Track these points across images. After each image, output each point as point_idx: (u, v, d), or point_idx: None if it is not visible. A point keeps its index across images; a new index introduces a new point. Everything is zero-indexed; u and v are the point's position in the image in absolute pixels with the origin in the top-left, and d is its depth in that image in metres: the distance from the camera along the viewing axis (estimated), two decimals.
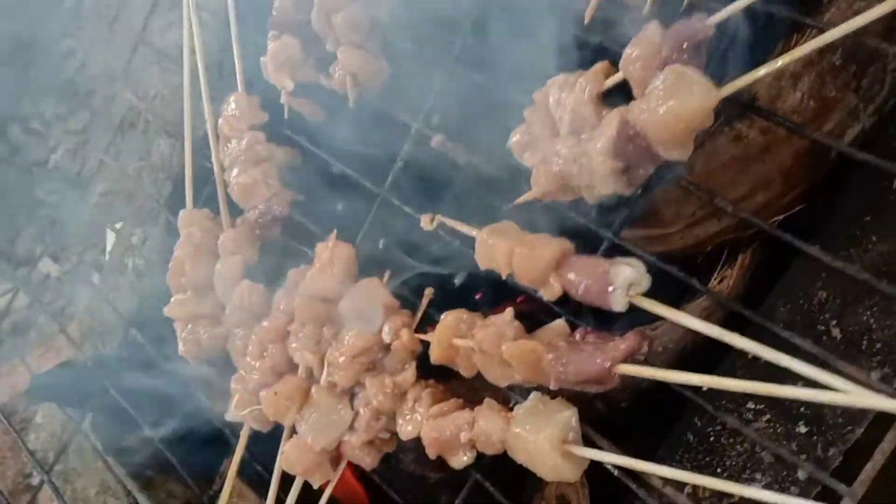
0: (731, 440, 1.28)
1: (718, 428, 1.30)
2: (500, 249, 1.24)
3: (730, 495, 1.21)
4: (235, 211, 1.67)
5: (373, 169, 1.52)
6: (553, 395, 1.26)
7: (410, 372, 1.37)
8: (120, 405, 1.89)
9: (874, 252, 1.17)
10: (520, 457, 1.22)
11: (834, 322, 1.20)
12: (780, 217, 1.27)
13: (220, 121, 1.65)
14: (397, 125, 1.49)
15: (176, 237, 1.68)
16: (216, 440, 2.02)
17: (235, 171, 1.61)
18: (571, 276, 1.18)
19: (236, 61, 1.68)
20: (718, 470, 1.30)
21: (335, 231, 1.45)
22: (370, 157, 1.54)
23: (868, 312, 1.16)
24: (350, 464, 2.14)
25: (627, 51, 1.17)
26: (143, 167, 2.05)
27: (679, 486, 1.21)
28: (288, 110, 1.64)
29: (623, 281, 1.13)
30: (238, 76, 1.68)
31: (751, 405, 1.27)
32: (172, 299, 1.67)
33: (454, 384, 1.44)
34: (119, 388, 1.89)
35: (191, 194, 1.71)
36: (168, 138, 1.96)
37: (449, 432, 1.28)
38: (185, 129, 1.72)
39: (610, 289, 1.14)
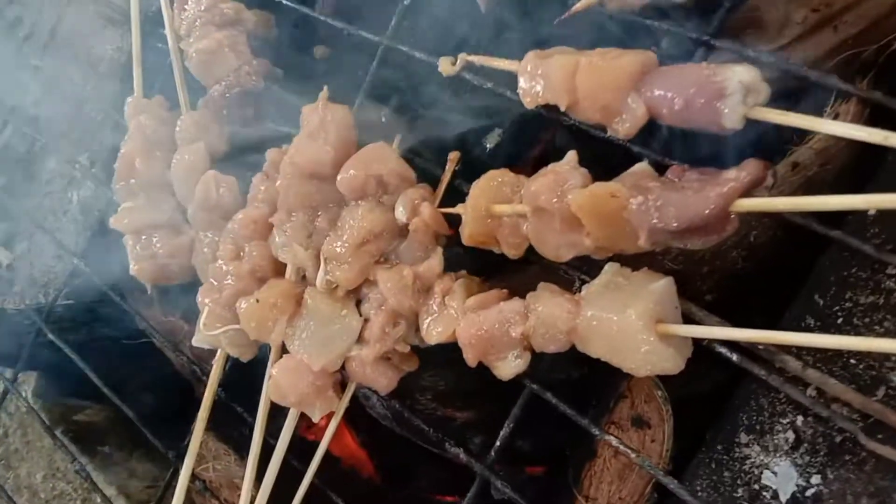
0: (868, 319, 0.97)
1: (849, 305, 0.98)
2: (559, 66, 0.91)
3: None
4: (198, 96, 1.33)
5: (370, 13, 1.19)
6: (635, 268, 0.93)
7: (436, 259, 1.04)
8: (66, 365, 1.52)
9: None
10: (597, 348, 0.89)
11: None
12: None
13: None
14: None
15: None
16: (185, 401, 1.68)
17: (194, 37, 1.27)
18: (660, 91, 0.86)
19: None
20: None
21: (325, 88, 1.11)
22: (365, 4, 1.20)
23: None
24: (348, 429, 1.80)
25: None
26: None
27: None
28: None
29: (740, 83, 0.81)
30: None
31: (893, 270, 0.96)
32: (120, 207, 1.32)
33: (493, 283, 1.11)
34: (65, 341, 1.53)
35: (139, 78, 1.36)
36: (116, 29, 1.61)
37: (495, 327, 0.95)
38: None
39: (720, 101, 0.82)
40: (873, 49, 0.99)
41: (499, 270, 1.08)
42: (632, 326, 0.85)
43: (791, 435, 0.97)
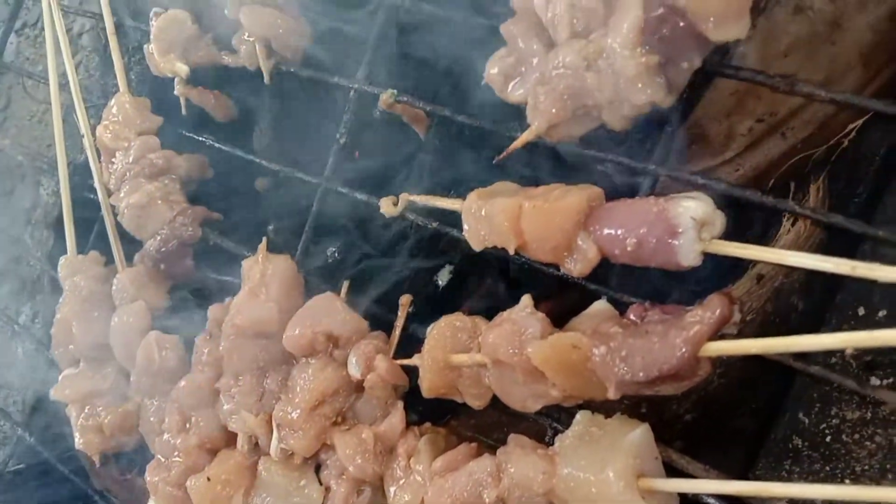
0: (858, 435, 0.91)
1: (836, 422, 0.92)
2: (502, 211, 0.86)
3: None
4: (134, 248, 1.26)
5: (307, 156, 1.15)
6: (607, 411, 0.87)
7: (397, 416, 0.96)
8: None
9: None
10: None
11: None
12: (860, 122, 0.94)
13: (98, 129, 1.25)
14: (332, 90, 1.13)
15: None
16: None
17: (125, 191, 1.21)
18: (612, 229, 0.81)
19: (114, 56, 1.30)
20: (847, 481, 0.92)
21: (265, 240, 1.05)
22: (301, 141, 1.16)
23: None
24: None
25: None
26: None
27: None
28: (186, 104, 1.25)
29: (692, 220, 0.76)
30: (118, 75, 1.30)
31: (877, 380, 0.90)
32: (60, 377, 1.24)
33: (457, 424, 1.04)
34: None
35: (72, 235, 1.30)
36: (50, 178, 1.56)
37: (466, 492, 0.87)
38: (58, 151, 1.31)
39: (675, 234, 0.77)
40: (824, 148, 0.96)
41: None
42: (612, 487, 0.78)
43: None
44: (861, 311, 0.91)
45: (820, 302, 0.98)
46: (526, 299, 0.87)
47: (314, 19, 1.18)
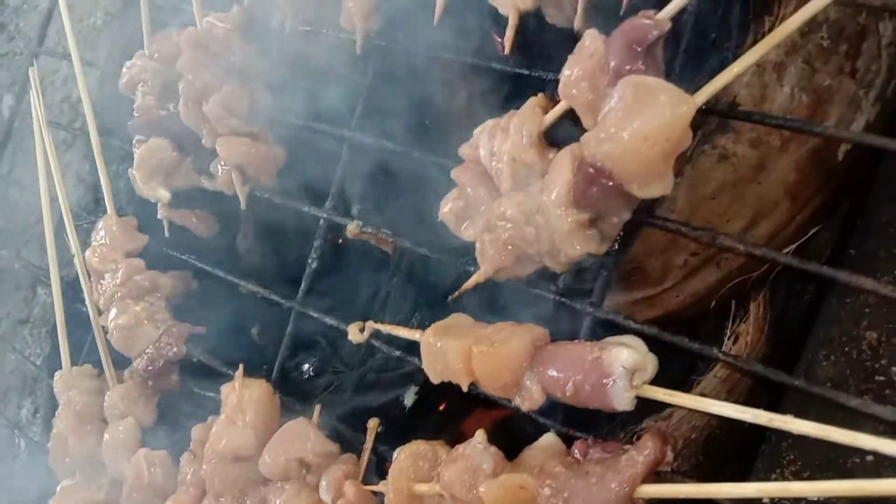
0: None
1: None
2: (454, 353, 0.93)
3: None
4: (125, 361, 1.33)
5: (282, 277, 1.22)
6: None
7: None
8: None
9: None
10: None
11: (895, 369, 0.92)
12: (794, 246, 1.00)
13: (87, 253, 1.33)
14: (303, 218, 1.20)
15: None
16: None
17: (113, 313, 1.28)
18: (553, 372, 0.88)
19: (101, 178, 1.38)
20: None
21: (242, 366, 1.12)
22: (276, 263, 1.23)
23: None
24: None
25: (566, 72, 0.91)
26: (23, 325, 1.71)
27: None
28: (169, 226, 1.33)
29: (623, 369, 0.83)
30: (106, 196, 1.38)
31: None
32: (58, 488, 1.31)
33: None
34: None
35: (66, 350, 1.37)
36: (44, 287, 1.64)
37: None
38: (51, 270, 1.39)
39: (608, 382, 0.84)
40: (761, 270, 1.03)
41: None
42: None
43: None
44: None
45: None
46: (479, 435, 0.94)
47: (287, 145, 1.26)
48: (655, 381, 0.84)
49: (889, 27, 0.97)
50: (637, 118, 0.82)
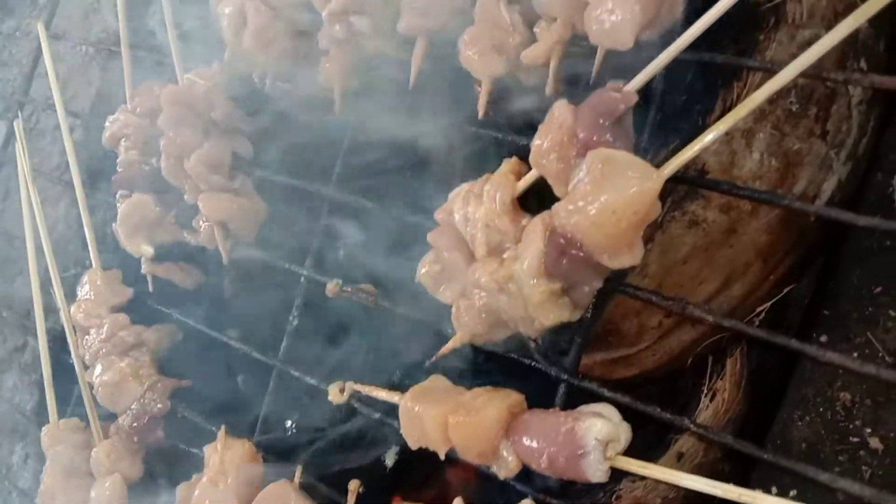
0: None
1: None
2: (430, 421, 0.94)
3: None
4: (112, 413, 1.34)
5: (264, 333, 1.23)
6: None
7: None
8: None
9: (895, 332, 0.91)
10: None
11: (869, 430, 0.92)
12: (768, 304, 1.01)
13: (72, 308, 1.34)
14: (284, 275, 1.21)
15: None
16: None
17: (99, 369, 1.29)
18: (528, 442, 0.88)
19: (87, 233, 1.39)
20: None
21: (224, 428, 1.13)
22: (258, 318, 1.24)
23: None
24: None
25: (536, 141, 0.92)
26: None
27: None
28: (153, 281, 1.34)
29: (596, 441, 0.84)
30: (91, 250, 1.39)
31: None
32: None
33: None
34: None
35: (53, 404, 1.38)
36: (30, 336, 1.65)
37: None
38: (38, 324, 1.40)
39: (582, 454, 0.84)
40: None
41: None
42: None
43: None
44: (774, 490, 0.97)
45: (743, 471, 1.04)
46: (458, 501, 0.94)
47: (269, 198, 1.27)
48: (633, 441, 0.84)
49: (859, 87, 0.98)
50: (604, 193, 0.82)
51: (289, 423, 1.22)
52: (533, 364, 0.95)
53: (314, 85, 1.18)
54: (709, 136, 0.82)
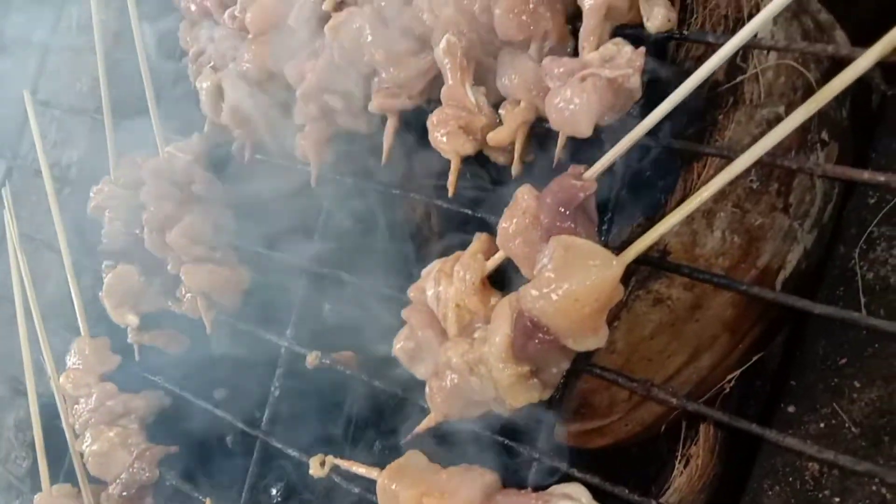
0: None
1: None
2: (407, 502, 0.96)
3: None
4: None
5: (247, 403, 1.25)
6: None
7: None
8: None
9: (862, 402, 0.93)
10: None
11: (838, 500, 0.94)
12: (738, 373, 1.02)
13: (61, 378, 1.36)
14: (266, 345, 1.23)
15: None
16: None
17: (88, 439, 1.31)
18: None
19: (75, 301, 1.41)
20: None
21: (208, 501, 1.15)
22: (241, 388, 1.26)
23: (877, 480, 0.91)
24: None
25: (503, 224, 0.95)
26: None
27: None
28: (139, 350, 1.36)
29: None
30: (79, 318, 1.41)
31: None
32: None
33: None
34: None
35: (45, 471, 1.39)
36: (22, 397, 1.67)
37: None
38: (29, 392, 1.42)
39: None
40: (707, 397, 1.05)
41: None
42: None
43: None
44: None
45: None
46: None
47: (252, 267, 1.29)
48: None
49: (821, 156, 1.00)
50: (566, 281, 0.84)
51: (273, 491, 1.24)
52: (504, 442, 0.96)
53: (291, 157, 1.21)
54: (664, 226, 0.84)
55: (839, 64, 0.74)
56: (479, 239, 1.02)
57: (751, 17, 0.96)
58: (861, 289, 0.92)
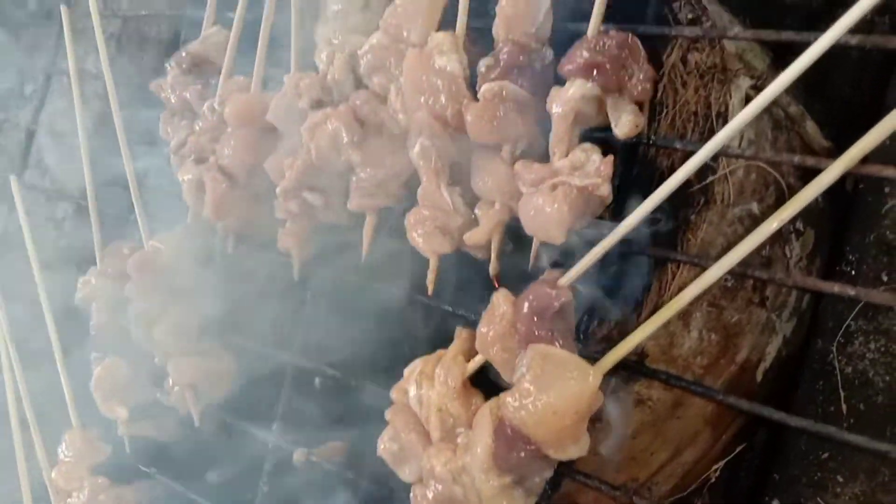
0: None
1: None
2: None
3: None
4: None
5: (243, 480, 1.25)
6: None
7: None
8: None
9: (846, 497, 0.92)
10: None
11: None
12: (722, 463, 1.02)
13: (53, 473, 1.36)
14: (254, 440, 1.23)
15: None
16: None
17: None
18: None
19: (66, 392, 1.42)
20: None
21: None
22: (229, 483, 1.26)
23: None
24: None
25: (481, 329, 0.95)
26: None
27: None
28: (130, 441, 1.37)
29: None
30: (70, 410, 1.41)
31: None
32: None
33: None
34: None
35: None
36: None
37: None
38: (23, 490, 1.42)
39: None
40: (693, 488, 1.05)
41: None
42: None
43: None
44: None
45: None
46: None
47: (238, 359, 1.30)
48: None
49: (797, 246, 1.01)
50: (544, 393, 0.85)
51: None
52: None
53: (274, 250, 1.22)
54: (639, 335, 0.85)
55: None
56: (460, 337, 1.03)
57: (719, 114, 0.97)
58: (840, 383, 0.93)
